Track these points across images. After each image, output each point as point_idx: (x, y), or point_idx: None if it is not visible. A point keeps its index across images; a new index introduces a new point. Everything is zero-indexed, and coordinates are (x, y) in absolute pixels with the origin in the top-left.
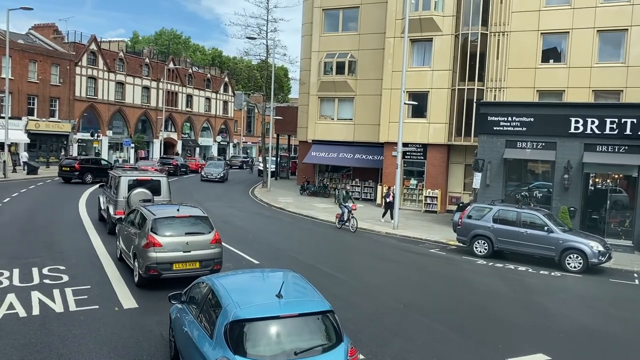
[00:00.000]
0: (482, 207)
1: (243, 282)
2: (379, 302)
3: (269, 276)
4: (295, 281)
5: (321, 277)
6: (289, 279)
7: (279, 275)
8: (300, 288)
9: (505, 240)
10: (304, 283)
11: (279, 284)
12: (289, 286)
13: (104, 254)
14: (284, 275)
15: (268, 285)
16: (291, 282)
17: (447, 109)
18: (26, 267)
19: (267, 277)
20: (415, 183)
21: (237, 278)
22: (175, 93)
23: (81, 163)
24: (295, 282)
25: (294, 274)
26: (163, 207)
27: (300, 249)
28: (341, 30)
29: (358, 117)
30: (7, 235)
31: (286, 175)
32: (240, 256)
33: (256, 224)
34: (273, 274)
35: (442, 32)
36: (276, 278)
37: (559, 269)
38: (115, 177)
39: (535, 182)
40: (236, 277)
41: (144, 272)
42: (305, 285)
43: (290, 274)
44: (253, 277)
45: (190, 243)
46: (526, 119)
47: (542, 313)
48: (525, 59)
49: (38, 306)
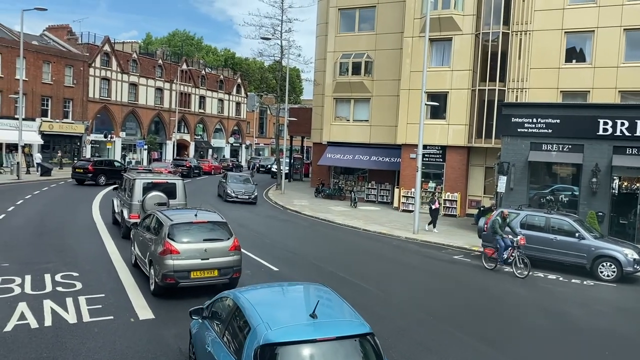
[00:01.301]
0: (508, 212)
1: (271, 298)
2: (407, 314)
3: (298, 291)
4: (328, 297)
5: (344, 285)
6: (322, 296)
7: (310, 291)
8: (335, 306)
9: (533, 246)
10: (337, 299)
11: (310, 301)
12: (323, 303)
13: (118, 260)
14: (315, 290)
15: (299, 302)
16: (324, 298)
17: (467, 110)
18: (38, 274)
19: (296, 292)
20: (434, 186)
21: (264, 293)
22: (188, 94)
23: (95, 165)
24: (329, 299)
25: (325, 289)
26: (180, 211)
27: (319, 254)
28: (357, 30)
29: (374, 119)
30: (20, 238)
31: (299, 177)
32: (258, 262)
33: (272, 228)
34: (303, 289)
35: (462, 31)
36: (307, 294)
37: (591, 278)
38: (130, 180)
39: (555, 185)
40: (263, 292)
41: (160, 281)
42: (340, 303)
43: (322, 289)
44: (281, 292)
45: (208, 250)
46: (552, 120)
47: (579, 327)
48: (548, 58)
49: (50, 316)
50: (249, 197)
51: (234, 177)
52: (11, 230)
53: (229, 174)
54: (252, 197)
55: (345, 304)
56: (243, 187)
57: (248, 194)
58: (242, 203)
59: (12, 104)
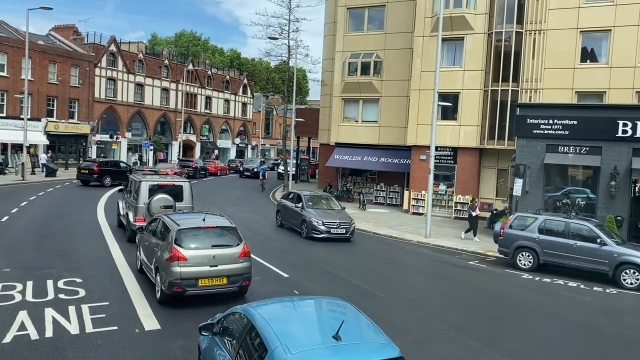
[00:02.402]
0: (526, 216)
1: (288, 314)
2: (426, 325)
3: (317, 307)
4: (351, 315)
5: (358, 293)
6: (343, 312)
7: (330, 307)
8: (359, 325)
9: (552, 252)
10: (361, 317)
11: (331, 319)
12: (345, 322)
13: (123, 265)
14: (335, 306)
15: (319, 320)
16: (346, 316)
17: (479, 110)
18: (40, 280)
19: (315, 308)
20: (445, 188)
21: (280, 309)
22: (195, 95)
23: (100, 165)
24: (351, 317)
25: (346, 304)
26: (187, 216)
27: (329, 259)
28: (366, 29)
29: (383, 119)
30: (23, 242)
31: (306, 178)
32: (267, 268)
33: (280, 231)
34: (321, 304)
35: (474, 30)
36: (327, 310)
37: (613, 286)
38: (135, 182)
39: (566, 187)
40: (279, 308)
41: (166, 289)
42: (364, 321)
43: (342, 304)
44: (299, 309)
45: (217, 257)
46: (568, 121)
47: (608, 340)
48: (563, 58)
49: (52, 326)
50: (346, 230)
51: (314, 200)
52: (14, 233)
53: (302, 195)
54: (351, 230)
55: (370, 322)
56: (336, 216)
57: (345, 225)
58: (335, 240)
59: (17, 104)
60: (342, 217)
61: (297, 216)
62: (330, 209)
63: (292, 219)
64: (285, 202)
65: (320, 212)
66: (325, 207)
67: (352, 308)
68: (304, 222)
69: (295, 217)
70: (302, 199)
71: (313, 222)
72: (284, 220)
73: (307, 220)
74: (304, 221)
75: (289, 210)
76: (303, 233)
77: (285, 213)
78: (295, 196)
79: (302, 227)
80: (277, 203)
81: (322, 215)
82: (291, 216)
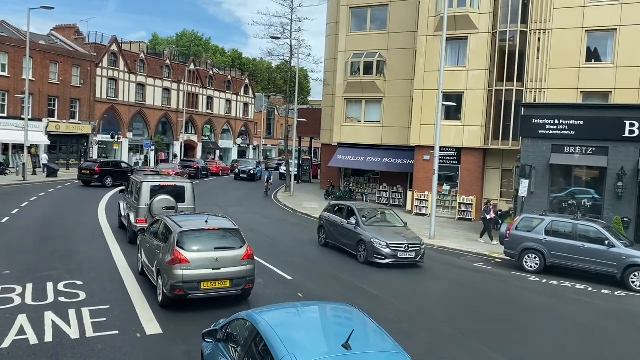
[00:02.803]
0: (532, 217)
1: (295, 322)
2: (433, 330)
3: (324, 313)
4: (359, 321)
5: (364, 297)
6: (351, 318)
7: (338, 313)
8: (369, 332)
9: (559, 254)
10: (370, 324)
11: (340, 326)
12: (354, 330)
13: (124, 267)
14: (343, 312)
15: (327, 327)
16: (355, 322)
17: (483, 111)
18: (40, 282)
19: (322, 314)
20: (448, 189)
21: (286, 315)
22: (196, 95)
23: (101, 166)
24: (360, 323)
25: (354, 310)
26: (189, 217)
27: (333, 261)
28: (369, 29)
29: (386, 120)
30: (23, 243)
31: (308, 178)
32: (271, 270)
33: (283, 232)
34: (329, 311)
35: (478, 30)
36: (335, 316)
37: (622, 288)
38: (137, 183)
39: (571, 188)
40: (285, 314)
41: (168, 292)
42: (374, 328)
43: (350, 310)
44: (306, 315)
45: (220, 259)
46: (575, 121)
47: (621, 345)
48: (568, 58)
49: (51, 330)
50: (416, 253)
51: (369, 214)
52: (14, 234)
53: (355, 208)
54: (421, 254)
55: (379, 328)
56: (401, 235)
57: (415, 247)
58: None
59: (19, 104)
60: (408, 236)
61: (350, 235)
62: (391, 226)
63: (343, 238)
64: (332, 217)
65: (380, 229)
66: (384, 223)
67: (359, 314)
68: (361, 244)
69: (347, 236)
70: (356, 213)
71: (375, 244)
72: (330, 239)
73: (367, 241)
74: (361, 242)
75: (337, 227)
76: (360, 257)
77: (332, 230)
78: (346, 210)
79: (358, 249)
80: (320, 218)
81: (385, 235)
82: (342, 234)
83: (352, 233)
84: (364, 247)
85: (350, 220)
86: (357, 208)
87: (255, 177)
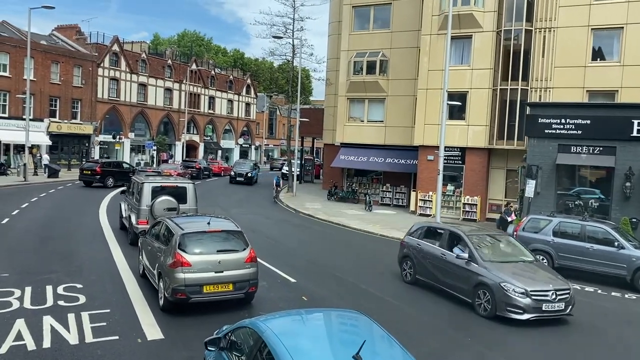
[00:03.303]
0: (539, 218)
1: (302, 330)
2: (441, 334)
3: (332, 321)
4: (368, 329)
5: (368, 299)
6: (359, 326)
7: (346, 321)
8: (380, 342)
9: (567, 256)
10: (379, 331)
11: (349, 335)
12: (364, 339)
13: (125, 269)
14: (351, 320)
15: (335, 336)
16: (363, 330)
17: (488, 110)
18: (39, 285)
19: (330, 322)
20: (452, 189)
21: (292, 324)
22: (198, 95)
23: (102, 166)
24: (369, 332)
25: (363, 318)
26: (191, 219)
27: (338, 263)
28: (372, 28)
29: (389, 119)
30: (23, 245)
31: (310, 179)
32: (273, 272)
33: (286, 233)
34: (337, 318)
35: (483, 28)
36: (343, 325)
37: (632, 291)
38: (138, 183)
39: (577, 188)
40: (291, 323)
41: (170, 295)
42: (385, 337)
43: (359, 318)
44: (312, 323)
45: (222, 262)
46: (581, 121)
47: (633, 348)
48: (574, 56)
49: (50, 336)
50: (566, 304)
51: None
52: (14, 235)
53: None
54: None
55: (389, 336)
56: (540, 276)
57: (563, 294)
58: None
59: (20, 104)
60: (551, 278)
61: (459, 274)
62: (518, 260)
63: (446, 277)
64: (424, 246)
65: (505, 267)
66: (507, 257)
67: (367, 321)
68: (481, 289)
69: (454, 274)
70: (466, 241)
71: (508, 292)
72: (423, 275)
73: (492, 285)
74: (481, 286)
75: (435, 260)
76: (481, 308)
77: (426, 264)
78: (447, 236)
79: (477, 296)
80: (405, 244)
81: (518, 277)
82: (444, 272)
83: (464, 271)
84: (489, 295)
85: (458, 252)
86: (466, 234)
87: (252, 181)
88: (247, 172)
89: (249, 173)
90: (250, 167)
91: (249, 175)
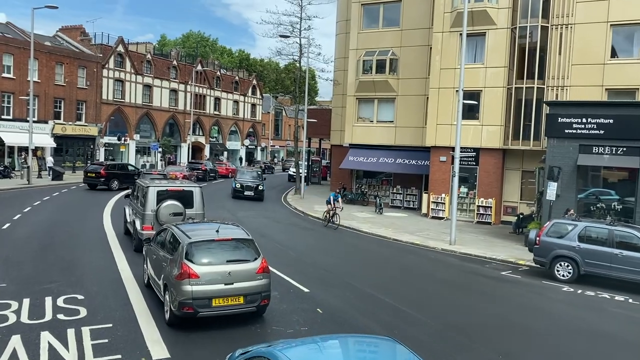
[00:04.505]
0: (563, 223)
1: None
2: (473, 353)
3: (361, 351)
4: (402, 358)
5: (389, 312)
6: (391, 357)
7: (377, 350)
8: None
9: (594, 262)
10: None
11: None
12: None
13: (129, 278)
14: (385, 349)
15: None
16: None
17: (503, 109)
18: (38, 297)
19: (359, 352)
20: (466, 191)
21: (314, 353)
22: (203, 96)
23: (107, 169)
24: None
25: (396, 346)
26: (199, 226)
27: (351, 270)
28: (381, 26)
29: (400, 119)
30: (23, 252)
31: (317, 180)
32: (286, 282)
33: (296, 238)
34: (366, 347)
35: (497, 25)
36: (374, 354)
37: None
38: (143, 187)
39: (596, 189)
40: (314, 352)
41: (176, 309)
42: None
43: (395, 347)
44: (337, 352)
45: (233, 273)
46: (604, 120)
47: None
48: (592, 54)
49: (47, 355)
50: None
51: None
52: (14, 242)
53: None
54: None
55: None
56: None
57: None
58: None
59: (24, 106)
60: None
61: None
62: None
63: None
64: None
65: None
66: None
67: (404, 350)
68: None
69: None
70: None
71: None
72: None
73: None
74: None
75: None
76: None
77: None
78: None
79: None
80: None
81: None
82: None
83: None
84: None
85: None
86: None
87: (262, 195)
88: (258, 185)
89: (259, 186)
90: (257, 176)
91: (260, 189)
